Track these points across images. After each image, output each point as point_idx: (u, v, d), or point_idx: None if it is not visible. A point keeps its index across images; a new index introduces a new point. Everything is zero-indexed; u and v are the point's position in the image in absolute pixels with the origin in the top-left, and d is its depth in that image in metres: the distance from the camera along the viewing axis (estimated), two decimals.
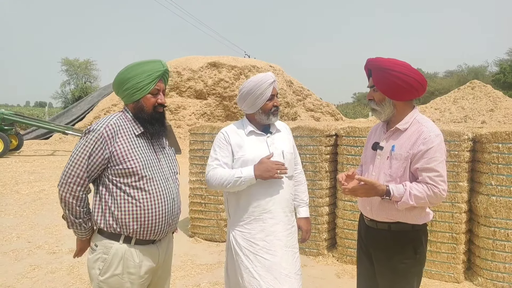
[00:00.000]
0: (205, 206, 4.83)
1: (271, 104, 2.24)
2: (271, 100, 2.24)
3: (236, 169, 2.15)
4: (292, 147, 2.39)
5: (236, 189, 2.18)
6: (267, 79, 2.22)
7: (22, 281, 3.64)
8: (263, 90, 2.20)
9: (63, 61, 41.27)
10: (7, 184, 8.08)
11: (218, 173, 2.17)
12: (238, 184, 2.12)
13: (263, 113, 2.24)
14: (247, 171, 2.11)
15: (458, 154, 3.56)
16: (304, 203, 2.44)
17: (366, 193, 1.93)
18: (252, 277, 2.12)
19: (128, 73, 1.88)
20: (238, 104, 2.32)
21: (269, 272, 2.11)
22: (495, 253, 3.47)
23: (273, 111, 2.25)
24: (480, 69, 41.88)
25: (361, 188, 1.92)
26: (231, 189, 2.18)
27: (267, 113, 2.24)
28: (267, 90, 2.21)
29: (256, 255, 2.14)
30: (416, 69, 2.01)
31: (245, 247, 2.17)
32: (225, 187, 2.15)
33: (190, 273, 3.88)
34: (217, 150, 2.25)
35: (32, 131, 17.69)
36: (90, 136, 1.81)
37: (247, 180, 2.10)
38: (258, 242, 2.16)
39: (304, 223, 2.42)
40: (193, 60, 17.07)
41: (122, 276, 1.85)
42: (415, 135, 1.93)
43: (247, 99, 2.23)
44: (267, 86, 2.21)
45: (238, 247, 2.18)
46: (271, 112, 2.25)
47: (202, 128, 4.86)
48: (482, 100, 15.90)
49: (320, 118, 18.67)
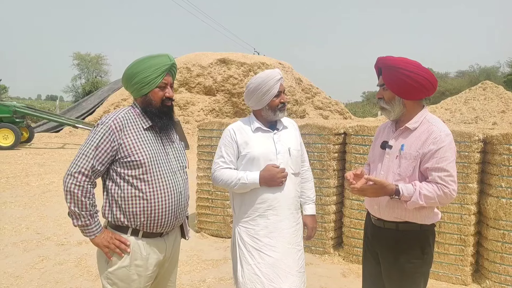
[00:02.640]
0: (212, 202, 4.85)
1: (278, 100, 2.24)
2: (278, 97, 2.24)
3: (242, 173, 2.17)
4: (299, 144, 2.38)
5: (240, 192, 2.21)
6: (274, 75, 2.22)
7: (30, 272, 3.69)
8: (270, 86, 2.21)
9: (75, 56, 41.76)
10: (17, 176, 8.20)
11: (225, 174, 2.20)
12: (245, 188, 2.16)
13: (270, 110, 2.25)
14: (252, 177, 2.13)
15: (468, 155, 3.51)
16: (311, 200, 2.44)
17: (375, 192, 1.91)
18: (254, 273, 2.13)
19: (136, 68, 1.91)
20: (245, 101, 2.33)
21: (271, 269, 2.13)
22: (504, 256, 3.42)
23: (280, 107, 2.25)
24: (492, 69, 41.30)
25: (370, 188, 1.90)
26: (237, 191, 2.22)
27: (274, 109, 2.24)
28: (274, 86, 2.21)
29: (259, 251, 2.16)
30: (427, 68, 1.98)
31: (249, 243, 2.18)
32: (230, 187, 2.20)
33: (196, 268, 3.90)
34: (222, 148, 2.27)
35: (43, 124, 17.93)
36: (99, 129, 1.83)
37: (253, 185, 2.15)
38: (262, 238, 2.17)
39: (310, 220, 2.41)
40: (203, 56, 17.10)
41: (129, 268, 1.87)
42: (425, 135, 1.91)
43: (254, 95, 2.24)
44: (274, 82, 2.21)
45: (242, 243, 2.20)
46: (278, 109, 2.25)
47: (211, 124, 4.87)
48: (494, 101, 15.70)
49: (329, 116, 18.59)
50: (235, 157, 2.24)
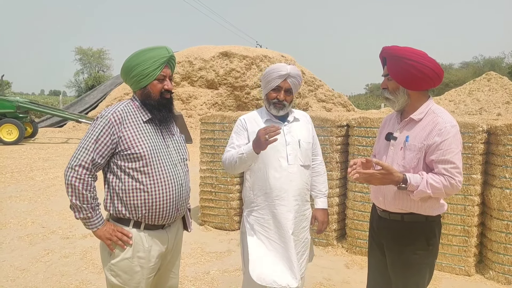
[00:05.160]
0: (215, 195, 4.86)
1: (275, 95, 2.25)
2: (276, 92, 2.25)
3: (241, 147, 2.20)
4: (312, 137, 2.39)
5: (245, 166, 2.22)
6: (280, 69, 2.23)
7: (36, 265, 3.73)
8: (271, 79, 2.24)
9: (77, 50, 41.77)
10: (22, 170, 8.25)
11: (229, 154, 2.25)
12: (244, 160, 2.14)
13: (266, 101, 2.31)
14: (247, 146, 2.15)
15: (472, 146, 3.49)
16: (322, 194, 2.44)
17: (382, 179, 1.85)
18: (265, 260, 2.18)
19: (134, 61, 1.91)
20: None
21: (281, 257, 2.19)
22: (507, 246, 3.42)
23: (274, 102, 2.25)
24: (496, 60, 40.94)
25: (377, 173, 1.85)
26: (241, 167, 2.23)
27: (268, 101, 2.28)
28: (275, 80, 2.23)
29: (269, 239, 2.22)
30: (433, 59, 1.94)
31: (259, 231, 2.24)
32: (234, 165, 2.21)
33: (200, 261, 3.92)
34: (234, 136, 2.33)
35: (46, 119, 17.98)
36: (98, 122, 1.84)
37: (249, 154, 2.10)
38: (271, 227, 2.23)
39: (321, 214, 2.41)
40: (205, 49, 17.04)
41: (132, 260, 1.88)
42: (430, 126, 1.89)
43: (262, 82, 2.33)
44: (276, 76, 2.23)
45: (253, 231, 2.26)
46: (271, 103, 2.26)
47: (213, 118, 4.87)
48: (498, 92, 15.58)
49: (332, 109, 18.53)
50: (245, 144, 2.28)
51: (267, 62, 16.78)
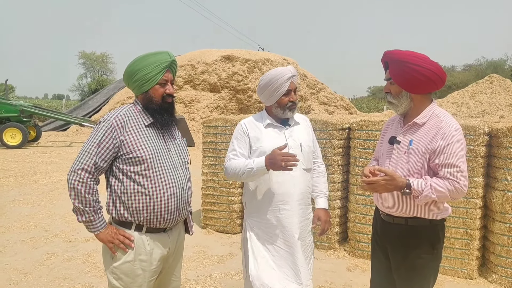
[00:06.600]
0: (218, 198, 4.87)
1: (287, 99, 2.24)
2: (287, 95, 2.24)
3: (250, 160, 2.17)
4: (312, 140, 2.39)
5: (250, 180, 2.21)
6: (284, 73, 2.22)
7: (39, 268, 3.74)
8: (280, 84, 2.21)
9: (81, 54, 42.01)
10: (25, 174, 8.29)
11: (234, 163, 2.20)
12: (252, 175, 2.13)
13: (279, 107, 2.26)
14: (258, 162, 2.11)
15: (473, 148, 3.49)
16: (323, 194, 2.44)
17: (386, 186, 1.85)
18: (269, 265, 2.18)
19: (136, 65, 1.93)
20: (258, 95, 2.35)
21: (285, 262, 2.19)
22: (510, 249, 3.41)
23: (289, 106, 2.25)
24: (499, 62, 40.74)
25: (381, 180, 1.85)
26: (246, 180, 2.21)
27: (282, 107, 2.25)
28: (284, 84, 2.21)
29: (273, 244, 2.21)
30: (435, 62, 1.93)
31: (262, 236, 2.23)
32: (240, 177, 2.18)
33: (202, 264, 3.93)
34: (234, 141, 2.29)
35: (50, 123, 18.09)
36: (101, 126, 1.86)
37: (259, 171, 2.10)
38: (274, 231, 2.21)
39: (323, 213, 2.40)
40: (207, 53, 17.09)
41: (133, 263, 1.90)
42: (433, 130, 1.88)
43: (265, 92, 2.26)
44: (283, 81, 2.21)
45: (256, 236, 2.24)
46: (286, 107, 2.25)
47: (215, 121, 4.89)
48: (501, 95, 15.52)
49: (334, 111, 18.52)
50: (247, 150, 2.25)
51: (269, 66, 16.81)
